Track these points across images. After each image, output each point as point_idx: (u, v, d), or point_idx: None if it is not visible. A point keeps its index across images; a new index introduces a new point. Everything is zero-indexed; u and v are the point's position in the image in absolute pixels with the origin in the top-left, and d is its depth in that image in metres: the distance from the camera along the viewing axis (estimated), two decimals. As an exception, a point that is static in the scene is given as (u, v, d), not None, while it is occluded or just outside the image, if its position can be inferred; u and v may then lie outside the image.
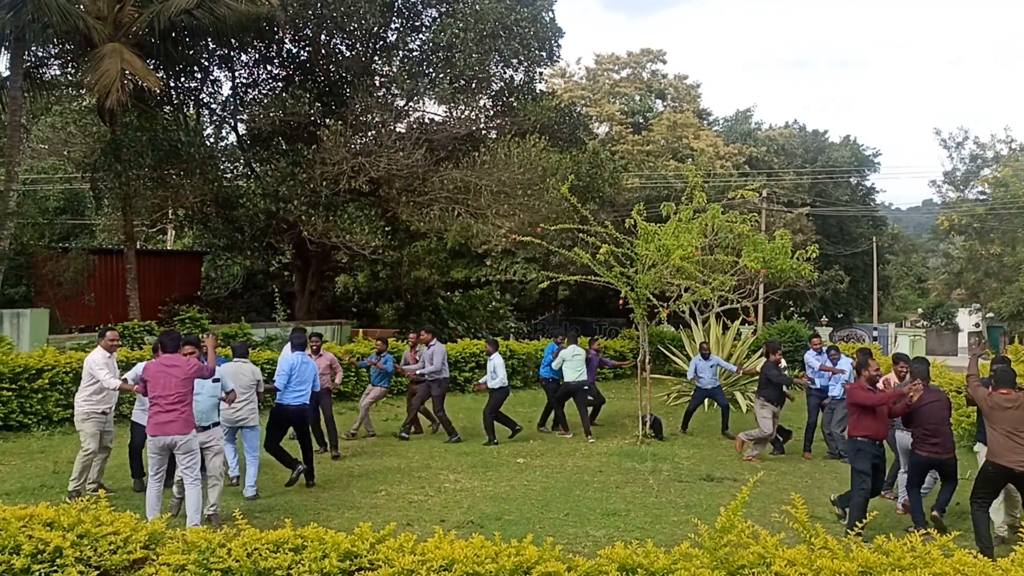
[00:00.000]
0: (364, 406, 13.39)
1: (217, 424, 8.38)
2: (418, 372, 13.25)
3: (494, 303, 27.88)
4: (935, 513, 8.33)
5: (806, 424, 13.01)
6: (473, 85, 22.00)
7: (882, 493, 9.16)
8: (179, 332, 8.60)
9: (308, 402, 10.16)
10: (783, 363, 13.65)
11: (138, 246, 23.03)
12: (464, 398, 18.04)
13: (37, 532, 4.33)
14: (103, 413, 9.02)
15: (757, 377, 14.21)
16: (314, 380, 10.26)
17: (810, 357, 13.24)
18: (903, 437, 9.02)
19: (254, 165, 22.69)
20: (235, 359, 9.58)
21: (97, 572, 4.16)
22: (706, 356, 14.92)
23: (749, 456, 12.12)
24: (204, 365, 7.91)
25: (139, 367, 9.28)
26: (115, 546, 4.31)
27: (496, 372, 13.27)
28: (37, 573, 4.12)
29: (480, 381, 13.93)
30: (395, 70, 21.66)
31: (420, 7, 22.67)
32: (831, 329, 40.84)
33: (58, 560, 4.16)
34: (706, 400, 15.44)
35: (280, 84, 22.84)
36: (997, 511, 8.04)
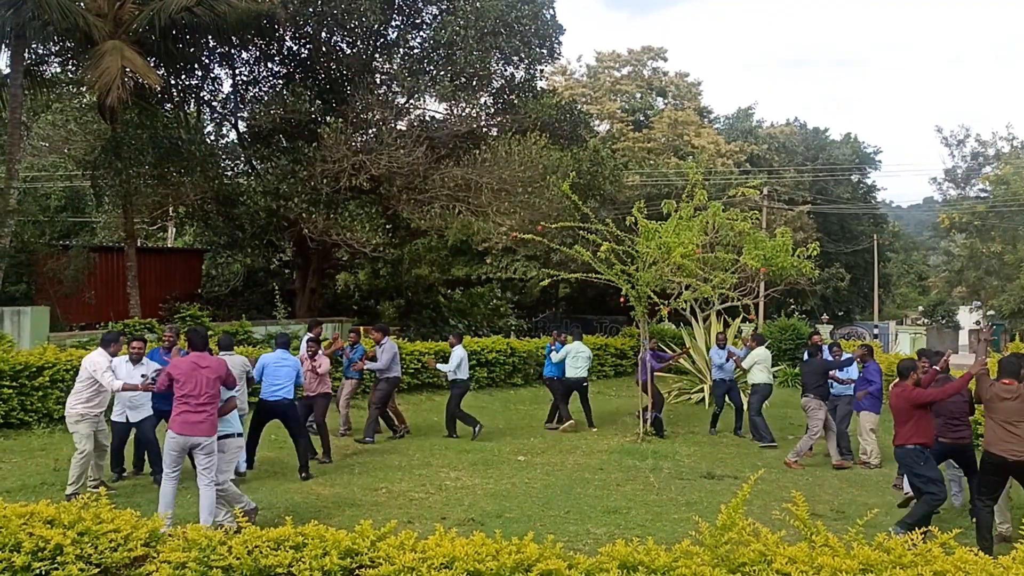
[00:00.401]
0: (343, 405, 13.45)
1: (230, 436, 8.03)
2: (366, 367, 13.28)
3: (495, 301, 27.91)
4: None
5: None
6: (474, 83, 21.96)
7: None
8: (206, 328, 8.39)
9: (288, 398, 10.38)
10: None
11: (138, 244, 23.01)
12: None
13: (38, 530, 4.32)
14: (96, 416, 9.00)
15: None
16: (297, 377, 10.54)
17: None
18: None
19: (255, 163, 22.66)
20: (221, 352, 9.65)
21: (98, 570, 4.16)
22: (722, 346, 14.99)
23: (793, 460, 11.76)
24: (231, 372, 7.80)
25: (115, 361, 9.21)
26: (116, 544, 4.30)
27: (450, 362, 13.55)
28: (38, 571, 4.11)
29: (438, 365, 14.21)
30: (396, 68, 21.63)
31: (421, 4, 22.62)
32: (832, 327, 40.90)
33: (59, 558, 4.15)
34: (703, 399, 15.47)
35: (281, 82, 22.81)
36: (1000, 510, 8.05)
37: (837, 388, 12.47)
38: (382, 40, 22.36)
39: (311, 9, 20.49)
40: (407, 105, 23.00)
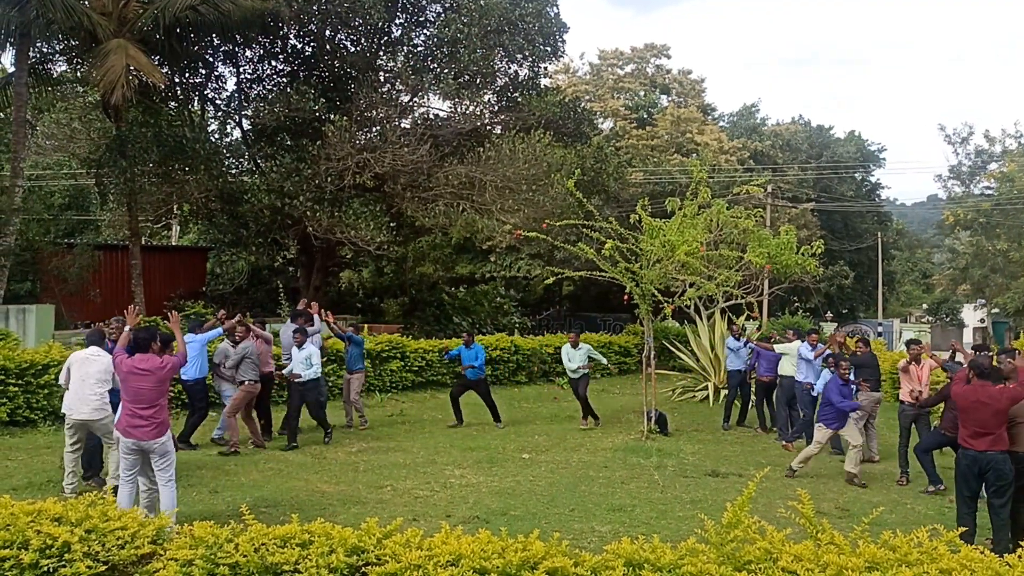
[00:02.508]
0: (354, 400, 13.65)
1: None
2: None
3: (499, 299, 27.91)
4: None
5: (802, 418, 13.09)
6: (478, 80, 21.97)
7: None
8: (155, 328, 8.03)
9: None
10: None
11: (143, 242, 23.08)
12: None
13: (45, 527, 4.33)
14: None
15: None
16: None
17: (804, 351, 13.29)
18: None
19: (259, 161, 22.71)
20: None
21: (105, 567, 4.16)
22: (738, 336, 14.94)
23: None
24: (177, 358, 7.59)
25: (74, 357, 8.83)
26: (123, 541, 4.31)
27: (311, 361, 11.90)
28: (46, 568, 4.13)
29: (291, 371, 12.05)
30: (400, 65, 21.64)
31: (425, 2, 22.62)
32: (836, 324, 40.82)
33: (66, 555, 4.16)
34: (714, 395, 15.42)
35: (285, 80, 22.84)
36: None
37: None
38: (386, 38, 22.38)
39: (315, 7, 20.52)
40: (411, 103, 23.02)
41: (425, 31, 22.75)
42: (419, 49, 22.22)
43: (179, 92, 22.71)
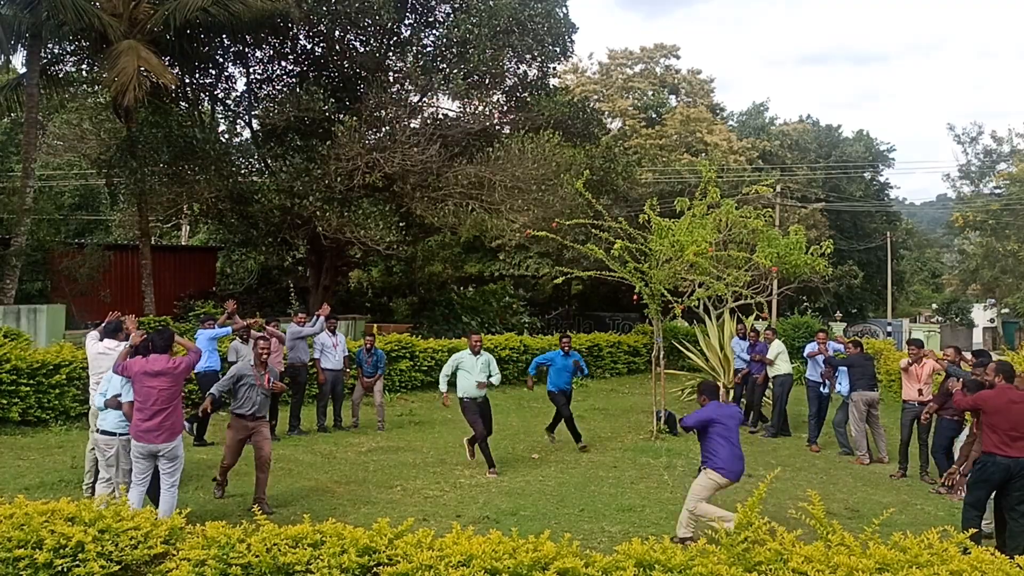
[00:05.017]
0: (356, 400, 13.80)
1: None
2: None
3: (507, 298, 27.90)
4: None
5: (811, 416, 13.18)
6: (487, 81, 22.00)
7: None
8: (172, 331, 7.79)
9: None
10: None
11: (153, 242, 23.14)
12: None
13: (59, 527, 4.37)
14: None
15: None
16: None
17: (809, 348, 13.40)
18: None
19: (268, 161, 22.74)
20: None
21: (118, 567, 4.20)
22: (743, 337, 14.98)
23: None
24: (191, 357, 7.55)
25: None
26: (136, 541, 4.34)
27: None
28: (60, 568, 4.16)
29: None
30: (409, 66, 21.68)
31: (434, 3, 22.67)
32: (845, 324, 40.72)
33: (80, 555, 4.20)
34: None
35: (294, 80, 22.89)
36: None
37: (843, 387, 12.56)
38: (395, 38, 22.41)
39: (325, 8, 20.55)
40: (420, 103, 23.05)
41: (434, 31, 22.79)
42: (428, 49, 22.26)
43: (189, 93, 22.79)
